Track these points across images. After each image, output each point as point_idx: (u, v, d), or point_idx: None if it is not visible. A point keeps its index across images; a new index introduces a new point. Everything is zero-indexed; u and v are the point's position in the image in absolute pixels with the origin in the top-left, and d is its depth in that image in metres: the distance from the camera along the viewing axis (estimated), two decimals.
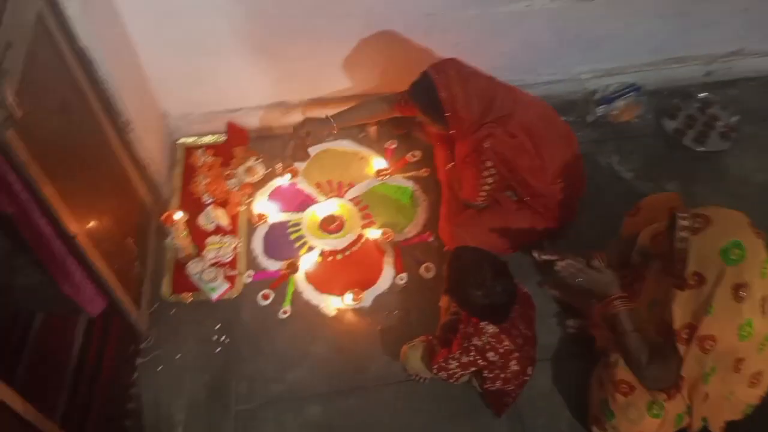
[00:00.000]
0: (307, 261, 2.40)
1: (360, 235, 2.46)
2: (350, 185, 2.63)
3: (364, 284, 2.32)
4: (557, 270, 1.78)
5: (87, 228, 1.81)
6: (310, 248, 2.44)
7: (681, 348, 1.59)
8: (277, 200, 2.59)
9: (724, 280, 1.50)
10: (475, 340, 1.81)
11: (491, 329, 1.80)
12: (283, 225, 2.52)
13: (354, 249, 2.43)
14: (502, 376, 1.88)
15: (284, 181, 2.63)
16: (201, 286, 2.25)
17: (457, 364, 1.85)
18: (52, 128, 1.73)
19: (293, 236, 2.48)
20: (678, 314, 1.58)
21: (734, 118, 2.85)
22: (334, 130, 2.48)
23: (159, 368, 2.12)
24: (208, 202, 2.53)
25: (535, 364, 1.98)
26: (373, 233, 2.46)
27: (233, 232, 2.46)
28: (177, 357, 2.14)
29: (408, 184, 2.63)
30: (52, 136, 1.72)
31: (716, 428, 1.77)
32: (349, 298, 2.27)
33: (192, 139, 2.75)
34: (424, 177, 2.64)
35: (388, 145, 2.75)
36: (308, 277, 2.36)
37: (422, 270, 2.36)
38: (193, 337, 2.20)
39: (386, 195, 2.60)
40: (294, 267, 2.37)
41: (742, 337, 1.54)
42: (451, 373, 1.88)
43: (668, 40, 2.82)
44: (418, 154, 2.71)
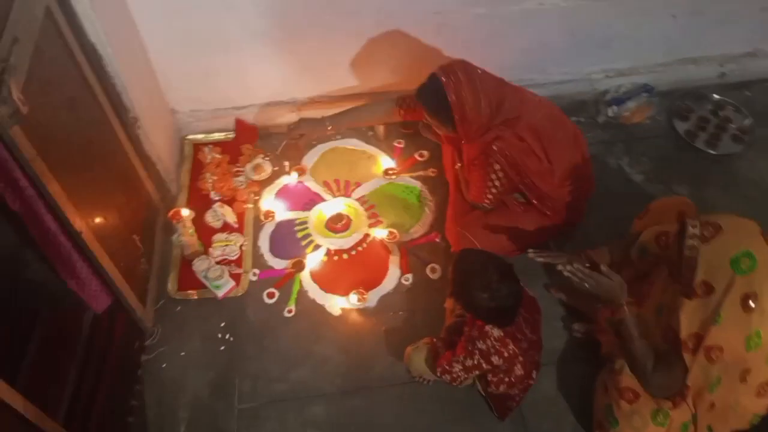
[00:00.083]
0: (313, 260, 2.39)
1: (366, 235, 2.45)
2: (357, 184, 2.62)
3: (370, 284, 2.31)
4: (564, 274, 1.76)
5: (93, 224, 1.81)
6: (317, 247, 2.43)
7: (687, 357, 1.58)
8: (284, 198, 2.58)
9: (733, 290, 1.48)
10: (480, 344, 1.80)
11: (496, 333, 1.79)
12: (290, 223, 2.51)
13: (360, 248, 2.43)
14: (507, 380, 1.87)
15: (292, 179, 2.62)
16: (207, 283, 2.25)
17: (460, 367, 1.84)
18: (58, 124, 1.73)
19: (300, 234, 2.47)
20: (685, 323, 1.56)
21: (747, 121, 2.81)
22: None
23: (163, 365, 2.12)
24: (216, 199, 2.52)
25: (539, 369, 1.98)
26: (380, 233, 2.45)
27: (240, 229, 2.46)
28: (181, 354, 2.14)
29: (415, 183, 2.62)
30: (59, 132, 1.72)
31: None
32: (354, 298, 2.26)
33: (201, 136, 2.74)
34: (432, 177, 2.63)
35: (396, 143, 2.74)
36: (314, 276, 2.35)
37: (428, 270, 2.35)
38: (197, 334, 2.20)
39: (393, 194, 2.59)
40: (300, 266, 2.36)
41: (750, 347, 1.52)
42: (454, 376, 1.87)
43: (682, 39, 2.78)
44: (425, 153, 2.69)
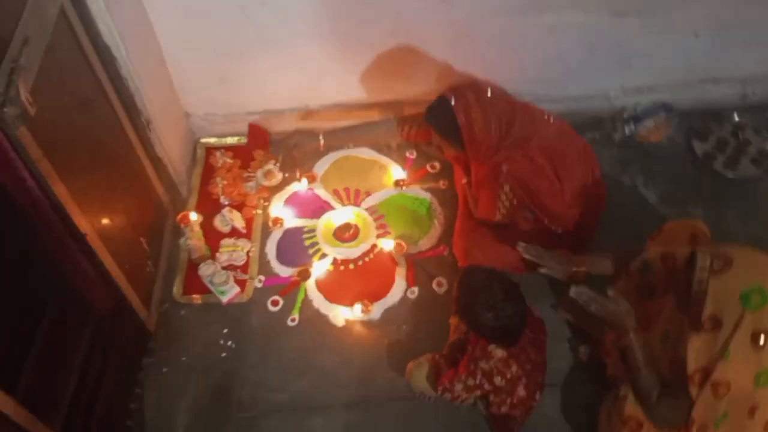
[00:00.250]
0: (319, 269, 2.37)
1: (374, 245, 2.43)
2: (367, 193, 2.60)
3: (375, 296, 2.29)
4: (570, 294, 1.73)
5: (98, 226, 1.81)
6: (323, 255, 2.41)
7: (693, 390, 1.54)
8: (293, 205, 2.57)
9: (743, 326, 1.44)
10: (483, 364, 1.77)
11: (500, 353, 1.76)
12: (298, 230, 2.50)
13: (367, 259, 2.41)
14: (509, 401, 1.84)
15: (302, 186, 2.61)
16: (212, 288, 2.25)
17: (462, 386, 1.81)
18: (68, 125, 1.73)
19: (307, 242, 2.46)
20: (692, 357, 1.52)
21: None
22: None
23: (164, 369, 2.11)
24: (225, 203, 2.52)
25: (543, 390, 1.93)
26: (387, 244, 2.42)
27: (248, 235, 2.45)
28: (183, 359, 2.14)
29: (426, 195, 2.59)
30: (68, 133, 1.72)
31: None
32: (358, 309, 2.24)
33: (213, 140, 2.74)
34: (443, 189, 2.60)
35: (407, 154, 2.72)
36: (319, 285, 2.33)
37: (434, 284, 2.32)
38: (200, 339, 2.19)
39: (403, 205, 2.57)
40: (305, 274, 2.35)
41: (759, 383, 1.48)
42: (456, 395, 1.84)
43: (703, 58, 2.71)
44: (437, 165, 2.67)
